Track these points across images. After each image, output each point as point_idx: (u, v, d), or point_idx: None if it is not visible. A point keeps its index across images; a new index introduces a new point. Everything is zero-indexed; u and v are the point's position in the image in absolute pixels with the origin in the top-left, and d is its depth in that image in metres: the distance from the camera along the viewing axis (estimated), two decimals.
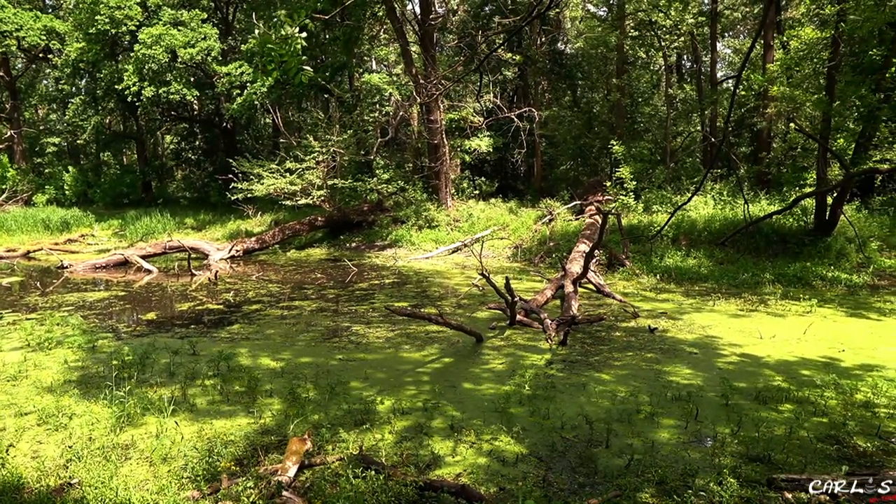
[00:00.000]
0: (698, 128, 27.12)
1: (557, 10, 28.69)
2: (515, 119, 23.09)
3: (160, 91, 25.95)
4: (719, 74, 29.81)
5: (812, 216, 16.34)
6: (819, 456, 5.51)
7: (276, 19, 4.56)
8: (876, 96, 14.03)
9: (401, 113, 27.42)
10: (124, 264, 18.33)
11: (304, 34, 4.51)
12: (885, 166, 14.84)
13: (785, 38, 19.24)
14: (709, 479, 4.91)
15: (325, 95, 29.84)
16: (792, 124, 18.01)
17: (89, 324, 11.03)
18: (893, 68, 14.03)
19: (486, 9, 28.74)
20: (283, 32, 4.45)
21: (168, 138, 42.25)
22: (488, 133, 26.70)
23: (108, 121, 38.94)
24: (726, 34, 32.51)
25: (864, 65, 15.80)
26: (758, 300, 12.39)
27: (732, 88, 11.79)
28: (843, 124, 15.80)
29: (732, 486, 4.77)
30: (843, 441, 5.79)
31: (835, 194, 15.45)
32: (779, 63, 17.90)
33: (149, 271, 17.45)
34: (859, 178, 15.72)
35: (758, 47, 21.60)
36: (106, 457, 5.47)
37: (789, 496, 4.66)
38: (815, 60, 17.70)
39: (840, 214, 15.44)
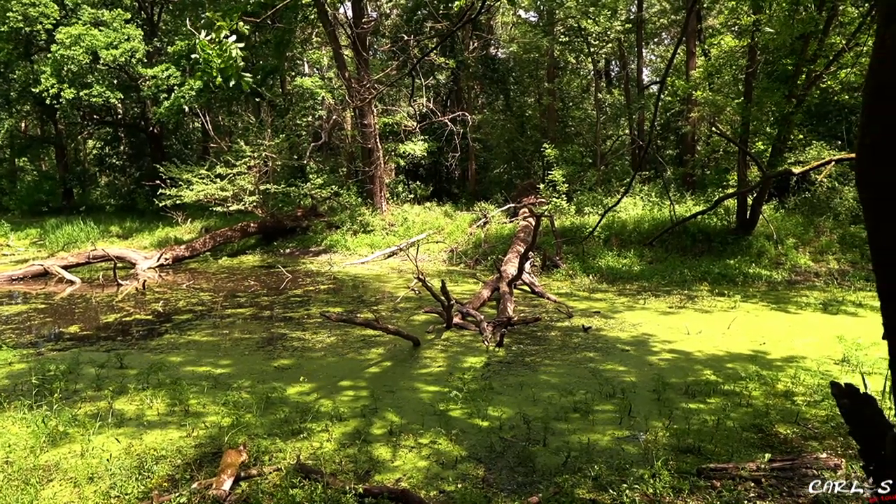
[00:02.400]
0: (627, 131, 27.95)
1: (489, 15, 29.03)
2: (449, 123, 23.20)
3: (81, 94, 24.80)
4: (646, 80, 30.80)
5: (734, 216, 17.09)
6: (745, 444, 5.76)
7: (204, 20, 4.44)
8: (790, 103, 14.81)
9: (334, 117, 27.12)
10: (44, 275, 17.41)
11: (241, 44, 4.40)
12: (799, 168, 15.63)
13: (706, 46, 20.07)
14: (643, 472, 5.06)
15: (257, 99, 29.21)
16: (714, 128, 18.78)
17: (5, 339, 10.43)
18: (804, 76, 14.84)
19: (419, 13, 28.81)
20: (217, 37, 4.34)
21: (90, 143, 40.42)
22: (422, 137, 26.71)
23: (23, 125, 36.94)
24: (652, 41, 33.61)
25: (778, 73, 16.64)
26: (686, 297, 12.86)
27: (657, 94, 12.25)
28: (760, 128, 16.59)
29: (665, 477, 4.93)
30: (766, 429, 6.08)
31: (754, 195, 16.22)
32: (701, 69, 18.65)
33: (71, 282, 16.64)
34: (776, 179, 16.54)
35: (681, 54, 22.45)
36: (25, 480, 5.17)
37: (718, 484, 4.85)
38: (734, 67, 18.52)
39: (759, 214, 16.22)
